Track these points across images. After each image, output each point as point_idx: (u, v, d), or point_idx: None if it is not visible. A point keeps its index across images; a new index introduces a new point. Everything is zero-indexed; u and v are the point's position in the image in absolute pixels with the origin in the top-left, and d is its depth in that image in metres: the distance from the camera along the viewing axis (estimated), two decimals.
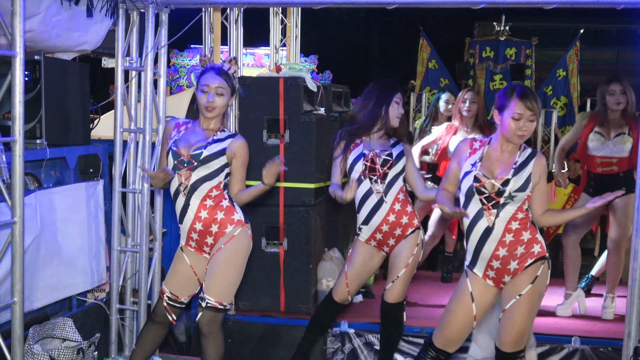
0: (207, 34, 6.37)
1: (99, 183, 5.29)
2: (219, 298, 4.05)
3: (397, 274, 4.48)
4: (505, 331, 3.87)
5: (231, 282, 4.11)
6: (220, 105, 4.03)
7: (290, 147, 5.51)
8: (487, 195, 3.78)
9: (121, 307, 5.26)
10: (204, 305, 4.05)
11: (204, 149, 4.01)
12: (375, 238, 4.51)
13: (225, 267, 4.06)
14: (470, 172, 3.83)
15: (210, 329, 4.09)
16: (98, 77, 12.34)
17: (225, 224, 4.07)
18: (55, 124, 4.92)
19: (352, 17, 15.15)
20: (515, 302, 3.82)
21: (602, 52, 14.97)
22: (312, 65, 13.42)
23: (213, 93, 3.99)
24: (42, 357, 4.29)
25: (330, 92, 6.09)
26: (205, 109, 4.01)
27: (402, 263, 4.46)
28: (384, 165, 4.44)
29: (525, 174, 3.77)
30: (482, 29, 14.08)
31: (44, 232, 4.68)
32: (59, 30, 4.83)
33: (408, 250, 4.47)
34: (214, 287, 4.05)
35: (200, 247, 4.13)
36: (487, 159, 3.85)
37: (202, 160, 4.00)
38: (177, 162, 4.03)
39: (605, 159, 5.54)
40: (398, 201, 4.46)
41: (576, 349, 5.15)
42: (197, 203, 4.03)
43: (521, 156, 3.82)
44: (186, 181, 4.03)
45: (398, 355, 5.27)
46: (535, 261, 3.82)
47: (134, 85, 5.27)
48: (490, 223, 3.79)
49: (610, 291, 5.69)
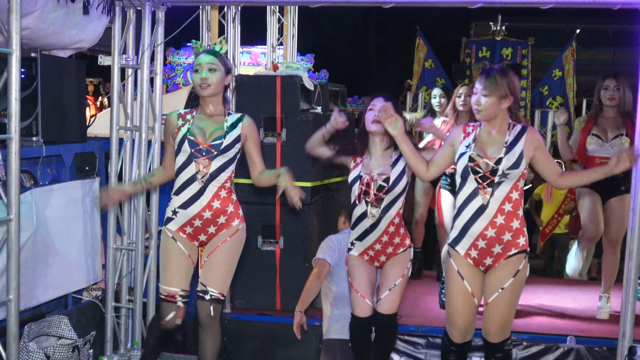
0: (204, 32, 6.37)
1: (95, 181, 5.29)
2: (221, 289, 4.07)
3: (393, 282, 4.37)
4: (490, 323, 3.99)
5: (230, 274, 4.15)
6: (215, 82, 3.99)
7: (287, 145, 5.51)
8: (482, 175, 3.86)
9: (117, 305, 5.26)
10: (208, 298, 4.03)
11: (224, 139, 4.01)
12: (367, 254, 4.47)
13: (227, 261, 4.09)
14: (465, 153, 3.93)
15: (213, 321, 4.08)
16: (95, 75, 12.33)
17: (233, 217, 4.09)
18: (51, 122, 4.91)
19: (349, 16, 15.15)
20: (497, 296, 3.92)
21: (599, 53, 15.02)
22: (308, 64, 13.43)
23: (206, 70, 3.98)
24: (38, 355, 4.28)
25: (327, 90, 6.09)
26: (200, 87, 3.98)
27: (398, 273, 4.39)
28: (380, 191, 4.33)
29: (517, 151, 3.86)
30: (479, 29, 14.12)
31: (40, 230, 4.67)
32: (55, 27, 4.83)
33: (402, 263, 4.42)
34: (217, 279, 4.05)
35: (196, 234, 4.09)
36: (479, 140, 3.94)
37: (222, 150, 4.01)
38: (194, 150, 4.00)
39: (605, 160, 5.51)
40: (393, 225, 4.38)
41: (571, 349, 5.16)
42: (213, 191, 4.03)
43: (511, 134, 3.91)
44: (205, 169, 4.01)
45: (394, 354, 5.26)
46: (518, 252, 3.89)
47: (131, 83, 5.27)
48: (485, 201, 3.87)
49: (605, 291, 5.69)
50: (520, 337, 5.19)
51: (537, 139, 3.91)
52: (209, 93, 4.01)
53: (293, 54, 7.77)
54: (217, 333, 4.14)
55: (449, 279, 4.04)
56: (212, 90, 4.01)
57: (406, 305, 5.86)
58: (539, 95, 11.86)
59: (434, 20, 14.81)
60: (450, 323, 4.07)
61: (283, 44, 7.77)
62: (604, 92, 5.50)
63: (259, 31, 7.53)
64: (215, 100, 4.07)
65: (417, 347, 5.29)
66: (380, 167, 4.37)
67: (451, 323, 4.06)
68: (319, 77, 13.80)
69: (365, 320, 4.44)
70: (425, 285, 6.53)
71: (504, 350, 4.04)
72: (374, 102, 4.38)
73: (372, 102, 4.39)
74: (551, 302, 6.09)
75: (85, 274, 5.20)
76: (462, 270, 3.97)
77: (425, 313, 5.73)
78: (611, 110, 5.50)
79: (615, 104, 5.48)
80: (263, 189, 5.52)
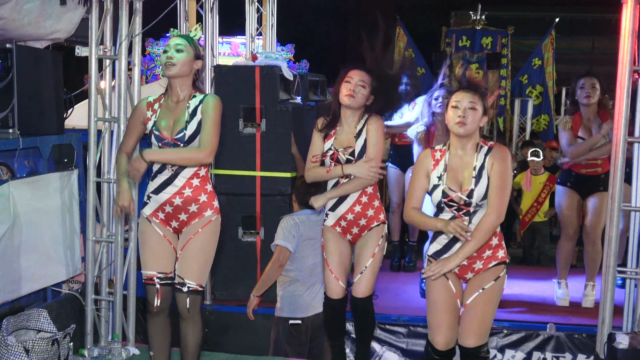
0: (182, 23, 6.32)
1: (73, 173, 5.24)
2: (199, 280, 4.03)
3: (364, 265, 4.41)
4: (467, 325, 3.85)
5: (207, 265, 4.11)
6: (181, 62, 3.94)
7: (266, 136, 5.50)
8: (457, 207, 3.79)
9: (97, 297, 5.22)
10: (186, 290, 4.00)
11: (185, 130, 3.94)
12: (340, 224, 4.48)
13: (203, 250, 4.04)
14: (438, 187, 3.82)
15: (192, 313, 4.05)
16: (72, 66, 12.20)
17: (205, 207, 4.04)
18: (28, 113, 4.86)
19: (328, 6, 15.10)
20: (478, 296, 3.82)
21: (578, 41, 15.10)
22: (289, 54, 13.38)
23: (173, 49, 3.95)
24: (16, 349, 4.24)
25: (307, 80, 6.07)
26: (165, 66, 3.94)
27: (368, 253, 4.42)
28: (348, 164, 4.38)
29: (485, 178, 3.75)
30: (459, 18, 14.15)
31: (17, 223, 4.62)
32: (30, 18, 4.77)
33: (373, 241, 4.43)
34: (193, 270, 4.02)
35: (168, 220, 4.06)
36: (450, 168, 3.82)
37: (187, 141, 3.95)
38: (161, 144, 3.97)
39: (590, 161, 5.58)
40: (365, 194, 4.40)
41: (551, 336, 5.19)
42: (184, 181, 3.99)
43: (478, 159, 3.78)
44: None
45: (375, 343, 5.29)
46: (498, 264, 3.86)
47: (108, 74, 5.22)
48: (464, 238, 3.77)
49: (590, 279, 5.73)
50: (501, 324, 5.22)
51: (499, 156, 3.75)
52: (173, 72, 3.95)
53: (272, 44, 7.73)
54: (198, 324, 4.11)
55: (431, 281, 3.91)
56: (177, 70, 3.95)
57: (387, 296, 5.89)
58: (518, 84, 11.89)
59: (414, 10, 14.81)
60: (433, 328, 3.91)
61: (262, 34, 7.73)
62: (580, 91, 5.51)
63: (238, 21, 7.47)
64: (183, 84, 4.00)
65: (399, 336, 5.31)
66: (346, 139, 4.41)
67: (434, 327, 3.90)
68: (300, 68, 13.75)
69: (337, 302, 4.52)
70: (405, 275, 6.55)
71: (480, 357, 3.87)
72: (350, 74, 4.37)
73: (348, 74, 4.37)
74: (531, 290, 6.13)
75: (64, 267, 5.16)
76: (446, 272, 3.86)
77: (406, 303, 5.76)
78: (589, 110, 5.52)
79: (593, 102, 5.51)
80: (244, 179, 5.53)
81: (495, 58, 11.21)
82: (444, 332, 3.86)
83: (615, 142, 4.79)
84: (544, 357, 5.18)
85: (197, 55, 4.03)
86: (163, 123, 3.99)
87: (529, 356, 5.20)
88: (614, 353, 4.65)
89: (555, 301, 5.79)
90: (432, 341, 3.90)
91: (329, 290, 4.54)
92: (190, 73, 4.02)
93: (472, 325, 3.84)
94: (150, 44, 13.17)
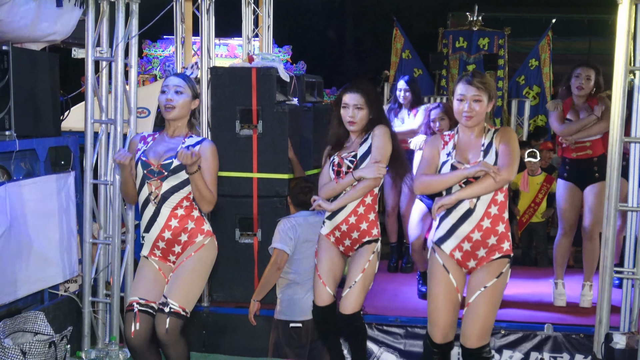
0: (179, 24, 6.33)
1: (70, 175, 5.24)
2: (183, 304, 3.88)
3: (354, 279, 4.36)
4: (470, 325, 3.87)
5: (195, 290, 3.98)
6: (180, 105, 3.94)
7: (263, 137, 5.49)
8: (467, 181, 3.83)
9: (94, 299, 5.22)
10: (167, 310, 3.83)
11: (174, 159, 3.88)
12: (334, 234, 4.48)
13: (192, 274, 3.94)
14: (446, 162, 3.90)
15: (171, 337, 3.84)
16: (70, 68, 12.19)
17: (195, 234, 3.98)
18: (24, 115, 4.86)
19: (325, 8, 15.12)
20: (479, 295, 3.84)
21: (575, 42, 15.10)
22: (286, 55, 13.39)
23: (172, 91, 3.94)
24: (13, 351, 4.24)
25: (304, 82, 6.07)
26: (164, 108, 3.94)
27: (358, 269, 4.37)
28: (349, 169, 4.36)
29: (492, 153, 3.84)
30: (456, 19, 14.13)
31: (14, 225, 4.62)
32: (27, 20, 4.77)
33: (364, 256, 4.38)
34: (178, 292, 3.88)
35: (166, 256, 4.01)
36: (459, 147, 3.92)
37: (172, 170, 3.88)
38: (146, 171, 3.92)
39: (579, 143, 5.58)
40: (363, 204, 4.38)
41: (549, 336, 5.19)
42: (168, 212, 3.93)
43: (486, 137, 3.89)
44: (157, 190, 3.91)
45: (373, 344, 5.28)
46: (501, 257, 3.87)
47: (105, 76, 5.21)
48: (472, 205, 3.84)
49: (587, 279, 5.73)
50: (498, 325, 5.21)
51: (505, 134, 3.87)
52: (173, 116, 3.95)
53: (269, 46, 7.73)
54: (180, 345, 3.91)
55: (433, 273, 3.96)
56: (177, 113, 3.94)
57: (385, 297, 5.89)
58: (515, 85, 11.90)
59: (411, 11, 14.80)
60: (432, 322, 3.98)
61: (259, 36, 7.73)
62: (574, 79, 5.54)
63: (235, 23, 7.47)
64: (180, 124, 4.00)
65: (396, 337, 5.31)
66: (352, 146, 4.44)
67: (433, 321, 3.97)
68: (297, 69, 13.76)
69: (325, 309, 4.50)
70: (402, 277, 6.55)
71: (482, 357, 3.90)
72: (346, 99, 4.39)
73: (345, 99, 4.39)
74: (528, 290, 6.13)
75: (61, 269, 5.16)
76: (447, 264, 3.92)
77: (404, 304, 5.76)
78: (579, 99, 5.56)
79: (584, 94, 5.52)
80: (241, 180, 5.52)
81: (492, 59, 11.21)
82: (442, 327, 3.95)
83: (611, 142, 4.79)
84: (541, 358, 5.18)
85: (194, 94, 4.02)
86: (152, 153, 3.96)
87: (527, 356, 5.20)
88: (612, 353, 4.65)
89: (553, 301, 5.79)
90: (431, 334, 3.99)
91: (316, 297, 4.51)
92: (188, 113, 4.02)
93: (474, 327, 3.86)
94: (148, 45, 13.18)
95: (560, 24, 13.05)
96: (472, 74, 3.88)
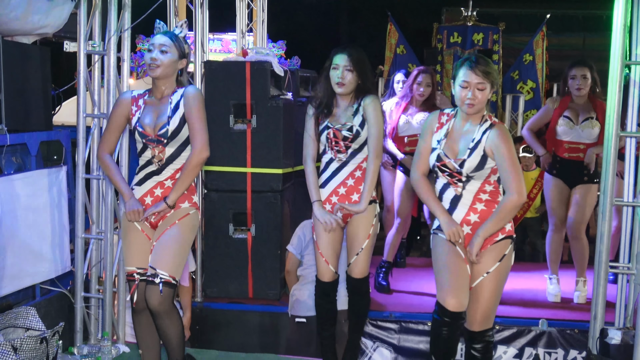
0: (172, 18, 6.28)
1: (61, 169, 5.20)
2: (173, 273, 3.92)
3: (360, 247, 4.42)
4: (473, 310, 3.90)
5: (183, 258, 4.03)
6: (165, 64, 3.95)
7: (257, 132, 5.46)
8: (450, 173, 3.84)
9: (86, 295, 5.18)
10: (158, 281, 3.88)
11: (168, 125, 3.95)
12: (330, 201, 4.45)
13: (177, 242, 3.97)
14: (435, 150, 3.90)
15: (165, 307, 3.91)
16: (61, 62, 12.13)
17: (183, 200, 4.03)
18: (15, 109, 4.82)
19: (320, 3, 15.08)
20: (482, 280, 3.85)
21: (569, 38, 15.09)
22: (280, 50, 13.33)
23: (157, 50, 3.95)
24: (5, 347, 4.20)
25: (298, 76, 6.04)
26: (149, 67, 3.95)
27: (363, 235, 4.41)
28: (345, 140, 4.37)
29: (479, 152, 3.78)
30: (450, 15, 14.13)
31: (5, 220, 4.58)
32: (17, 12, 4.73)
33: (367, 222, 4.41)
34: (167, 261, 3.92)
35: (146, 209, 4.06)
36: (450, 136, 3.88)
37: (170, 137, 3.96)
38: (145, 141, 4.00)
39: (573, 144, 5.57)
40: (360, 169, 4.40)
41: (543, 332, 5.18)
42: (168, 175, 4.02)
43: (479, 132, 3.81)
44: (160, 154, 4.01)
45: (367, 340, 5.26)
46: (504, 238, 3.86)
47: (97, 70, 5.17)
48: (458, 193, 3.86)
49: (580, 275, 5.73)
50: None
51: (498, 136, 3.75)
52: (157, 74, 3.97)
53: (263, 40, 7.70)
54: (175, 317, 4.00)
55: (439, 247, 3.89)
56: (161, 72, 3.96)
57: (379, 292, 5.87)
58: (509, 80, 11.88)
59: (405, 6, 14.77)
60: (443, 290, 3.80)
61: (253, 30, 7.69)
62: (571, 81, 5.52)
63: (229, 17, 7.43)
64: (166, 83, 4.02)
65: (390, 332, 5.29)
66: (344, 117, 4.41)
67: (445, 290, 3.79)
68: (291, 64, 13.71)
69: (327, 285, 4.56)
70: (396, 272, 6.52)
71: (484, 340, 3.94)
72: (337, 60, 4.37)
73: (336, 60, 4.37)
74: (523, 286, 6.12)
75: (53, 264, 5.12)
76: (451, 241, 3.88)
77: (398, 299, 5.74)
78: (581, 98, 5.54)
79: (584, 94, 5.51)
80: (235, 175, 5.49)
81: (487, 54, 11.19)
82: (456, 293, 3.77)
83: (607, 136, 4.77)
84: (536, 353, 5.17)
85: (181, 54, 4.02)
86: (147, 120, 4.00)
87: (521, 352, 5.19)
88: (607, 349, 4.64)
89: (547, 297, 5.78)
90: (443, 302, 3.80)
91: (319, 273, 4.56)
92: (174, 73, 4.03)
93: (477, 314, 3.90)
94: (141, 40, 13.09)
95: (554, 19, 13.03)
96: (475, 59, 3.76)
